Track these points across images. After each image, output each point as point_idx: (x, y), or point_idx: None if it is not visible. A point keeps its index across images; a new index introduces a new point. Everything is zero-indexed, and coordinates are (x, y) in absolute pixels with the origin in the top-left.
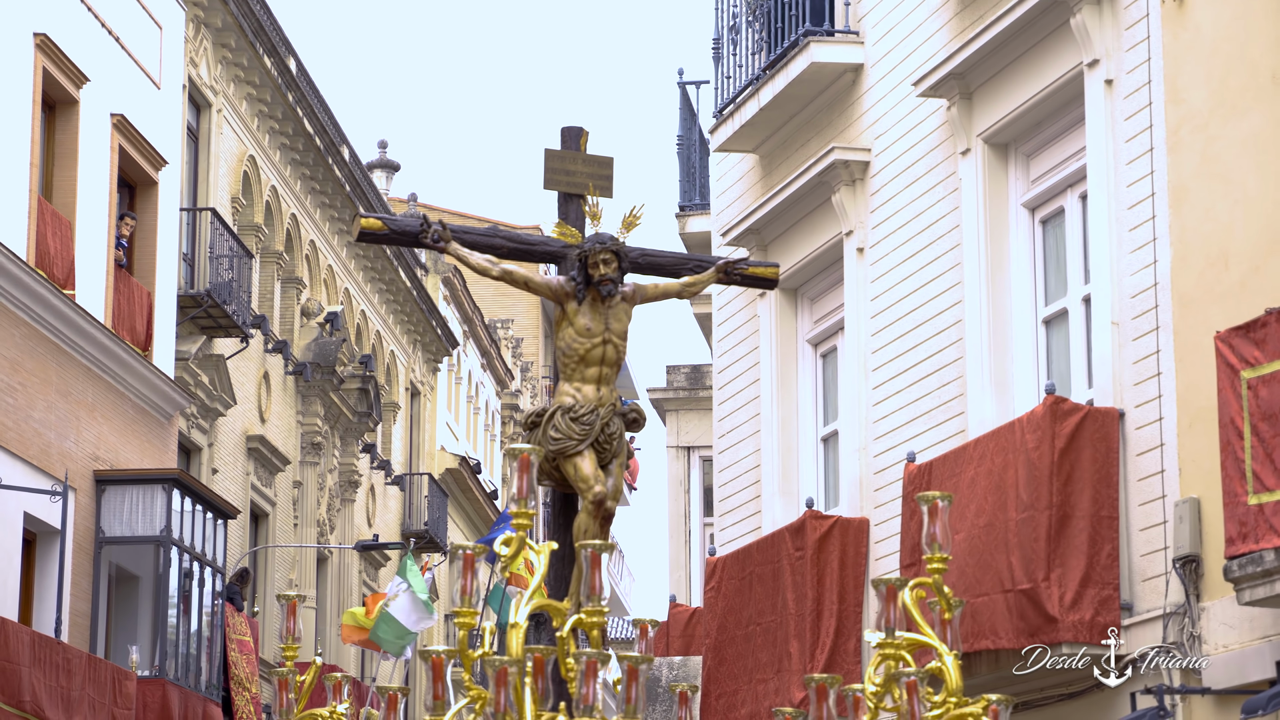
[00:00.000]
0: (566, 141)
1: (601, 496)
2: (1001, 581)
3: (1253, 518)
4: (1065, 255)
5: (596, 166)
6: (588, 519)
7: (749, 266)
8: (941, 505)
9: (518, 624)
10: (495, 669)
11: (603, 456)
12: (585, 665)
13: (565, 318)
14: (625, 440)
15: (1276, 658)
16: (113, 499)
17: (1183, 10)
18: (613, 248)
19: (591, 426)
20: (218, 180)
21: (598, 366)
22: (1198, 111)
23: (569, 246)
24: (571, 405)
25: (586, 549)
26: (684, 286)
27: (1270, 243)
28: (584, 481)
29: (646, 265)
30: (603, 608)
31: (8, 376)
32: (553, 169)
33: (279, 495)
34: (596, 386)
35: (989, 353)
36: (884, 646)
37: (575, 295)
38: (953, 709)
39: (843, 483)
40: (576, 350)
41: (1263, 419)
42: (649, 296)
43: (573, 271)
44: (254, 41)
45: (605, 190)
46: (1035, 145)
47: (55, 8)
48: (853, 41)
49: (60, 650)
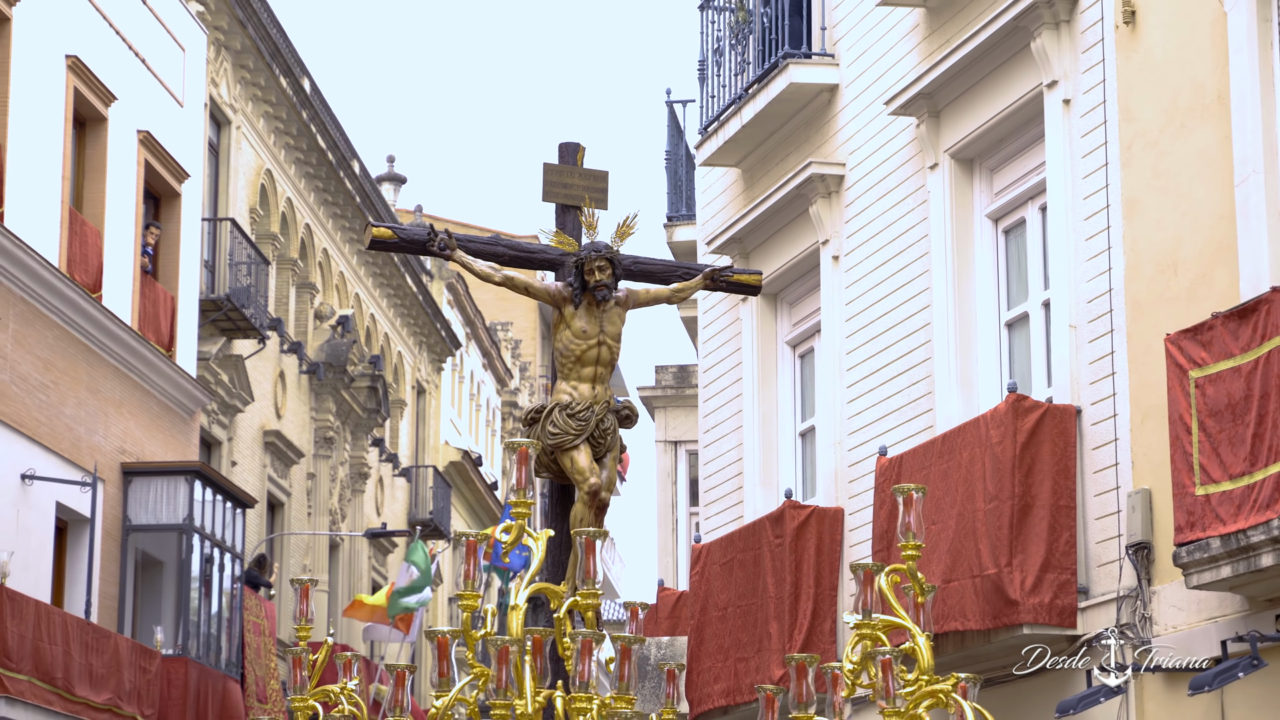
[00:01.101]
0: (564, 156)
1: (596, 488)
2: (969, 567)
3: (1200, 507)
4: (1026, 263)
5: (592, 180)
6: (583, 509)
7: (734, 274)
8: (916, 496)
9: (518, 606)
10: (497, 648)
11: (597, 450)
12: (581, 645)
13: (563, 321)
14: (618, 435)
15: (1222, 638)
16: (139, 489)
17: (1135, 35)
18: (607, 255)
19: (587, 423)
20: (237, 192)
21: (593, 366)
22: (1149, 129)
23: (566, 254)
24: (569, 403)
25: (582, 536)
26: (673, 292)
27: (1216, 251)
28: (580, 474)
29: (638, 272)
30: (597, 591)
31: (41, 375)
32: (551, 182)
33: (294, 486)
34: (592, 385)
35: (955, 353)
36: (861, 627)
37: (572, 300)
38: (924, 686)
39: (819, 475)
40: (573, 351)
41: (1209, 416)
42: (641, 301)
43: (570, 278)
44: (271, 63)
45: (600, 202)
46: (998, 160)
47: (86, 31)
48: (828, 63)
49: (90, 630)
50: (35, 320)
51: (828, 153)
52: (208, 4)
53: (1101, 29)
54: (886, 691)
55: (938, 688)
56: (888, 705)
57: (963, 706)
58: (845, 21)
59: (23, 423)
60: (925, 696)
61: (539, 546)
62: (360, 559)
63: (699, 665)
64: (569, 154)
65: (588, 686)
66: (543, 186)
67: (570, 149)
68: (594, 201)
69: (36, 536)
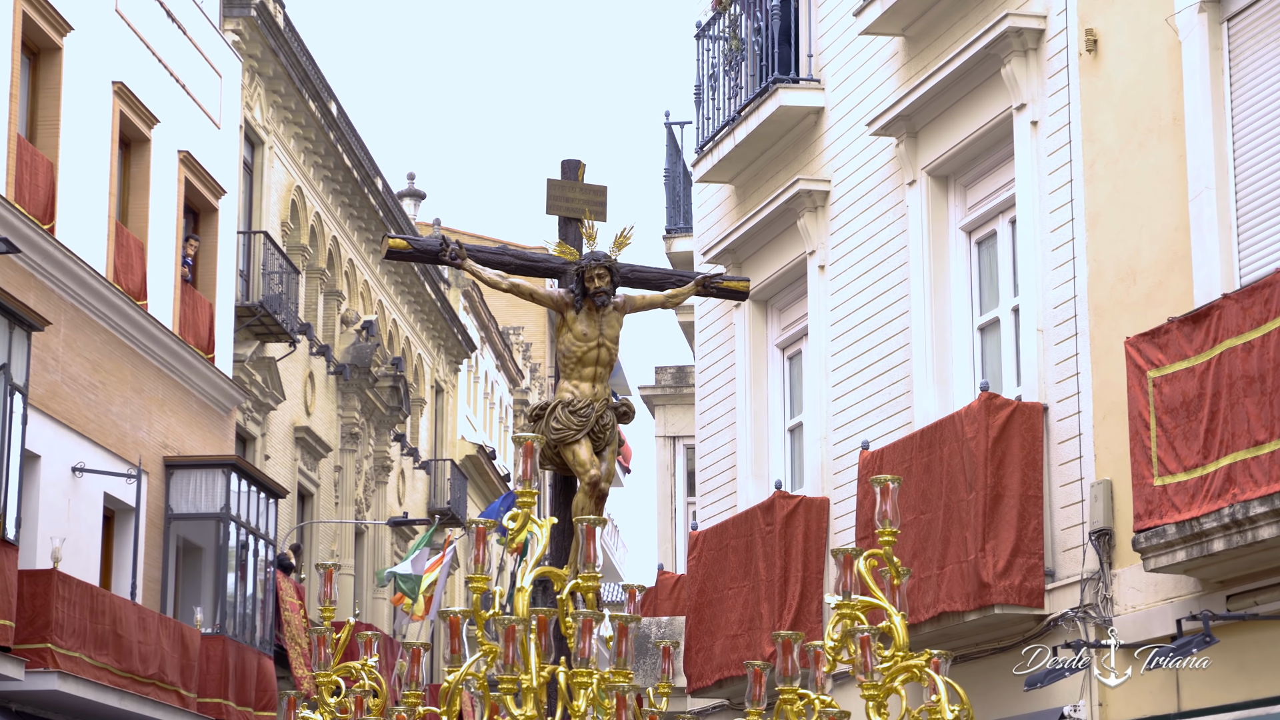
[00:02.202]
0: (566, 172)
1: (596, 479)
2: (944, 553)
3: (1158, 497)
4: (997, 271)
5: (592, 194)
6: (584, 498)
7: (724, 281)
8: (892, 486)
9: (524, 588)
10: (504, 627)
11: (597, 444)
12: (582, 624)
13: (565, 324)
14: (617, 430)
15: (1177, 617)
16: (180, 481)
17: (1097, 62)
18: (606, 264)
19: (588, 418)
20: (269, 207)
21: (593, 366)
22: (1110, 148)
23: (568, 263)
24: (570, 400)
25: (582, 523)
26: (667, 298)
27: (1172, 261)
28: (581, 466)
29: (635, 279)
30: (597, 574)
31: (89, 375)
32: (554, 196)
33: (322, 478)
34: (592, 384)
35: (932, 355)
36: (841, 608)
37: (574, 305)
38: (900, 661)
39: (806, 467)
40: (574, 352)
41: (1166, 412)
42: (637, 306)
43: (571, 285)
44: (300, 88)
45: (599, 215)
46: (971, 177)
47: (131, 59)
48: (815, 88)
49: (135, 611)
50: (84, 325)
51: (814, 170)
52: (243, 33)
53: (1066, 56)
54: (865, 667)
55: (912, 663)
56: (866, 680)
57: (935, 680)
58: (830, 49)
59: (73, 419)
60: (900, 671)
61: (543, 533)
62: (383, 545)
63: (696, 643)
64: (570, 170)
65: (588, 662)
66: (546, 200)
67: (572, 165)
68: (593, 214)
69: (86, 524)
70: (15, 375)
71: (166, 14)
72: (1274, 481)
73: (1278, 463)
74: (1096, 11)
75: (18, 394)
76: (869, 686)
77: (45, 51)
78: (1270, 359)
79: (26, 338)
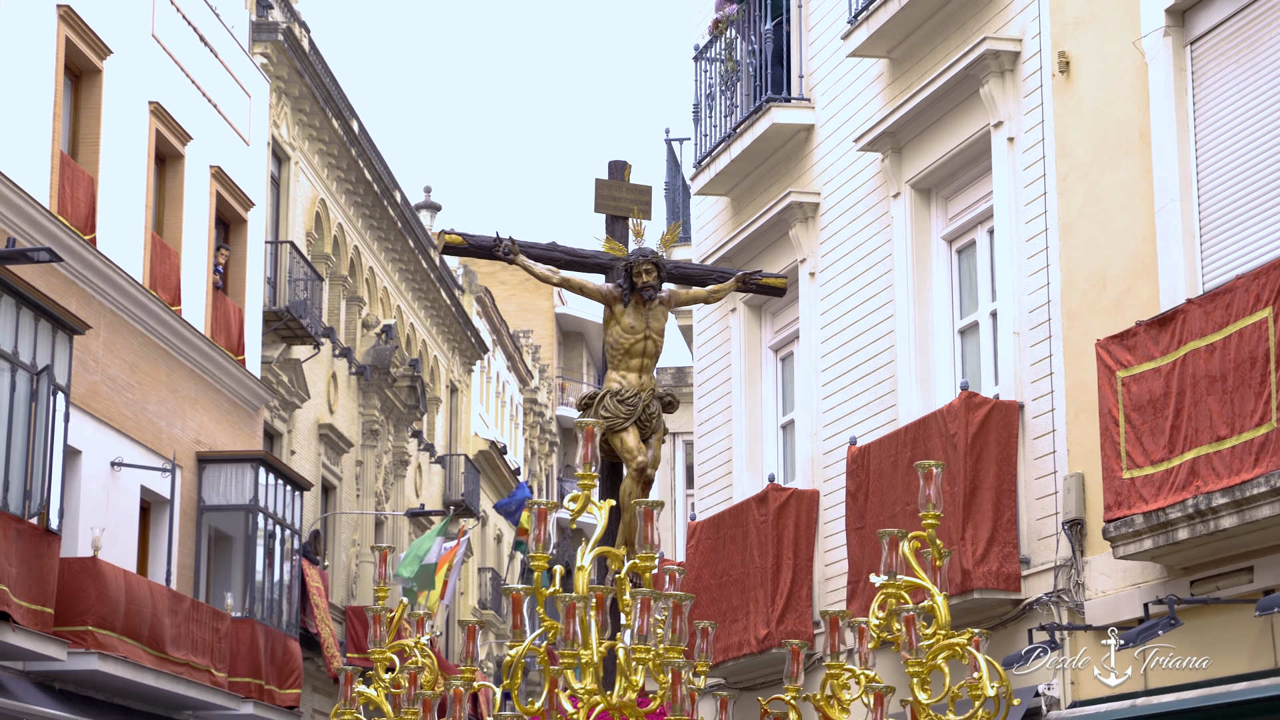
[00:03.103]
0: (613, 173)
1: (644, 465)
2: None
3: (1126, 489)
4: (976, 278)
5: (638, 194)
6: (632, 483)
7: (762, 277)
8: (936, 472)
9: (583, 567)
10: (565, 604)
11: (644, 432)
12: (640, 602)
13: (613, 318)
14: (662, 419)
15: (1144, 601)
16: (211, 475)
17: (1069, 82)
18: (653, 259)
19: (635, 407)
20: (295, 219)
21: (640, 358)
22: (1081, 163)
23: (616, 259)
24: (619, 390)
25: (640, 506)
26: (710, 293)
27: (1140, 269)
28: (629, 453)
29: (679, 275)
30: (653, 555)
31: (127, 376)
32: (602, 195)
33: (344, 472)
34: (639, 374)
35: (915, 356)
36: (886, 587)
37: (621, 299)
38: (942, 639)
39: (798, 461)
40: (622, 344)
41: (1134, 410)
42: (682, 301)
43: (619, 279)
44: (324, 107)
45: (645, 213)
46: (952, 190)
47: (166, 80)
48: (805, 106)
49: (170, 596)
50: (123, 329)
51: (805, 183)
52: (270, 56)
53: (1040, 77)
54: (910, 644)
55: (954, 641)
56: (911, 656)
57: (976, 657)
58: (820, 70)
59: (112, 417)
60: (943, 649)
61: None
62: (402, 534)
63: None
64: (617, 170)
65: (646, 639)
66: (595, 198)
67: (618, 166)
68: (640, 212)
69: (124, 516)
70: (58, 376)
71: (199, 38)
72: (1235, 474)
73: (1238, 457)
74: (1068, 35)
75: (60, 393)
76: (913, 663)
77: (86, 74)
78: (1231, 360)
79: (69, 341)
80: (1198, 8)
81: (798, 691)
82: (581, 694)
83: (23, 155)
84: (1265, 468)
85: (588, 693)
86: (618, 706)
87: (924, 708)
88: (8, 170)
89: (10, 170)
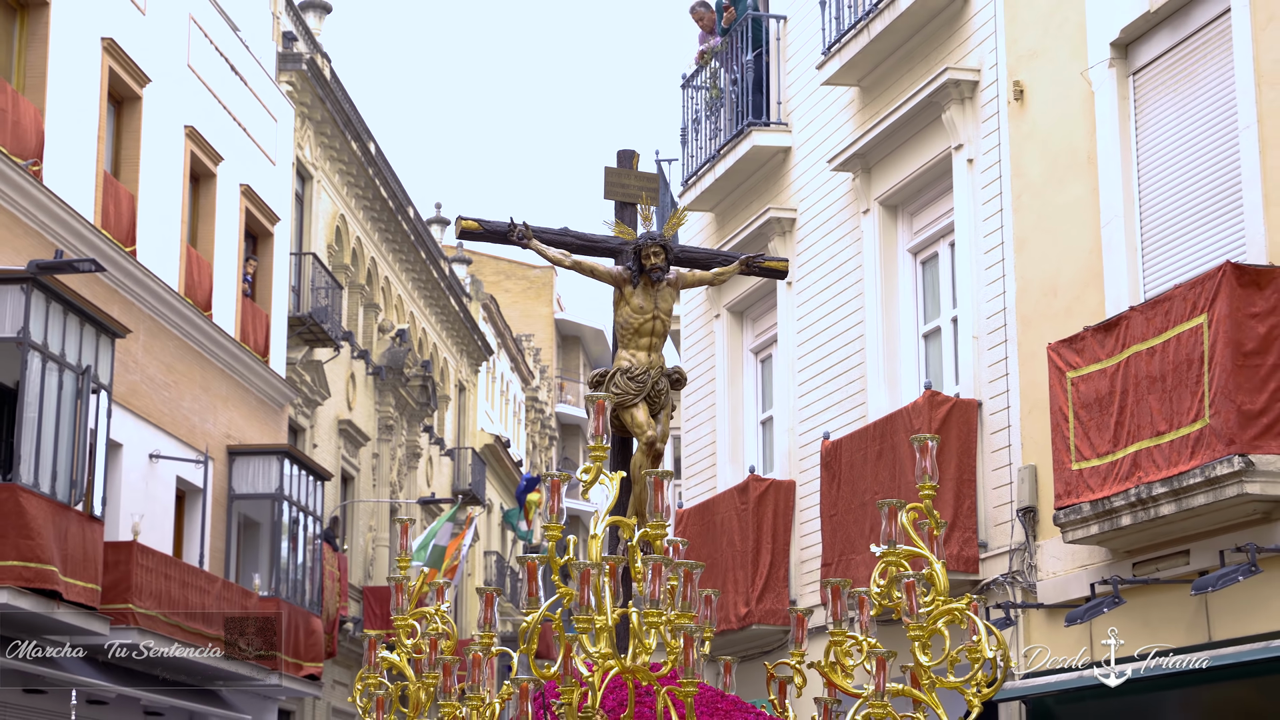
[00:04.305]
0: (622, 161)
1: (654, 439)
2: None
3: (1075, 479)
4: (939, 287)
5: (646, 181)
6: (642, 457)
7: (764, 261)
8: (930, 444)
9: (596, 535)
10: (580, 571)
11: (653, 408)
12: (652, 568)
13: (623, 299)
14: (670, 395)
15: (1091, 581)
16: (240, 466)
17: (1023, 109)
18: (661, 243)
19: (645, 384)
20: (317, 232)
21: (649, 337)
22: (1034, 183)
23: (625, 242)
24: (629, 367)
25: (651, 476)
26: (714, 275)
27: (1087, 279)
28: (639, 427)
29: (685, 259)
30: (665, 523)
31: (164, 376)
32: (611, 182)
33: (362, 463)
34: (648, 353)
35: (883, 358)
36: (886, 556)
37: (631, 281)
38: (940, 605)
39: (776, 454)
40: (632, 324)
41: (1082, 407)
42: (688, 283)
43: (629, 262)
44: (344, 131)
45: (652, 199)
46: (917, 206)
47: (200, 106)
48: (783, 130)
49: (203, 576)
50: (160, 333)
51: (783, 200)
52: (295, 84)
53: (997, 104)
54: (911, 609)
55: (952, 606)
56: (912, 621)
57: (975, 622)
58: (796, 97)
59: (150, 413)
60: (942, 614)
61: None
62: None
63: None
64: (626, 159)
65: (658, 604)
66: (604, 186)
67: (626, 155)
68: (648, 199)
69: (161, 503)
70: (101, 376)
71: (230, 67)
72: (1173, 466)
73: (1176, 450)
74: (1022, 66)
75: (103, 391)
76: (914, 627)
77: (127, 100)
78: (1170, 362)
79: (111, 343)
80: (1139, 42)
81: (802, 656)
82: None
83: (70, 174)
84: (1200, 460)
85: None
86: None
87: (925, 670)
88: (56, 188)
89: (58, 188)
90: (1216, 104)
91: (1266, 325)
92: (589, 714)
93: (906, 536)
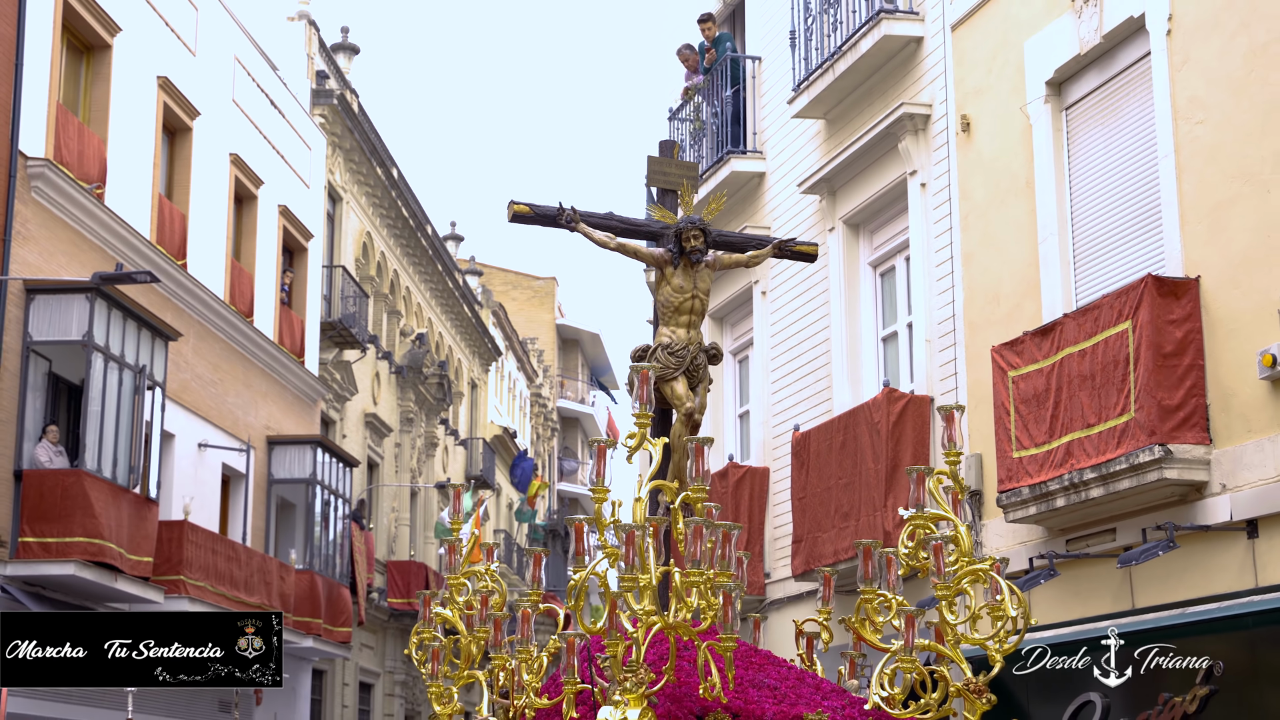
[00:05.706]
0: (663, 151)
1: (691, 410)
2: (857, 510)
3: (1015, 466)
4: (896, 296)
5: (686, 169)
6: (681, 427)
7: (796, 244)
8: (956, 415)
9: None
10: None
11: (692, 381)
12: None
13: (664, 279)
14: (707, 370)
15: (1029, 555)
16: (279, 454)
17: (970, 139)
18: (701, 226)
19: (684, 359)
20: (346, 248)
21: (688, 315)
22: (979, 205)
23: (666, 226)
24: (669, 343)
25: (692, 442)
26: (749, 258)
27: (1026, 289)
28: (679, 400)
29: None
30: (705, 487)
31: (211, 374)
32: (653, 170)
33: (385, 452)
34: (687, 330)
35: (846, 359)
36: (914, 519)
37: (672, 262)
38: (965, 565)
39: (752, 444)
40: (673, 302)
41: (1022, 403)
42: (725, 264)
43: (669, 244)
44: (370, 158)
45: (694, 185)
46: (876, 225)
47: (243, 136)
48: (758, 158)
49: (245, 552)
50: (207, 337)
51: (758, 220)
52: (327, 116)
53: (947, 134)
54: (938, 569)
55: (977, 567)
56: (939, 581)
57: (999, 581)
58: (770, 128)
59: (199, 407)
60: (967, 574)
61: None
62: (432, 503)
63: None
64: (667, 149)
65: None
66: (647, 173)
67: (667, 145)
68: (689, 185)
69: (208, 487)
70: (156, 374)
71: (270, 102)
72: (1101, 454)
73: (1104, 440)
74: (969, 101)
75: (158, 388)
76: (941, 587)
77: (179, 131)
78: (1099, 362)
79: (165, 346)
80: (1072, 80)
81: (829, 613)
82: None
83: (129, 197)
84: (1125, 449)
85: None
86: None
87: (951, 628)
88: (117, 209)
89: (119, 209)
90: (1139, 135)
91: (1183, 330)
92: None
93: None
